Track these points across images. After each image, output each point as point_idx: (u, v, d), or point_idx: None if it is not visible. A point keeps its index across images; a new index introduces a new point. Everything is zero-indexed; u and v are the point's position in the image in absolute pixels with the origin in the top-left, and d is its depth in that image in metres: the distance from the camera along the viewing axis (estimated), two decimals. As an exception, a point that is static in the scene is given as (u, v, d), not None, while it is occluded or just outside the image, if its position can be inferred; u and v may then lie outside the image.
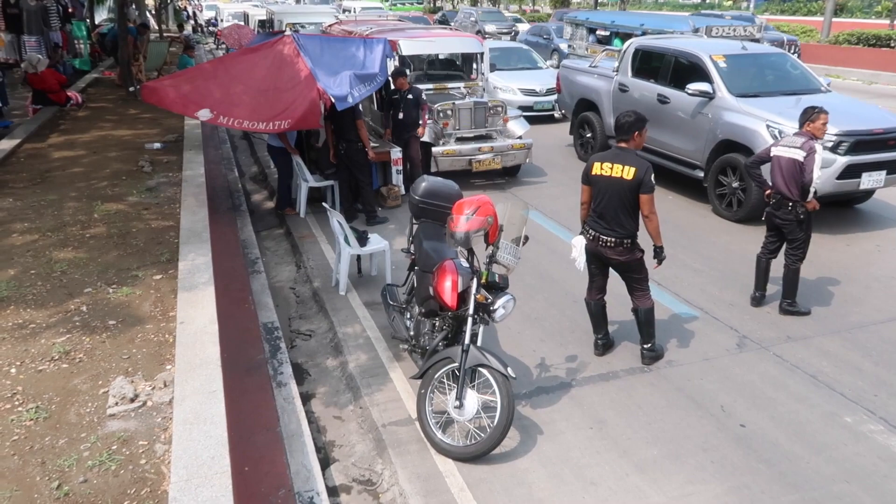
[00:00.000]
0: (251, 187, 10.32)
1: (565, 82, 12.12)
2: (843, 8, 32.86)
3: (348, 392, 5.06)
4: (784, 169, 5.72)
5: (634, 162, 4.80)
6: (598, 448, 4.40)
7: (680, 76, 9.23)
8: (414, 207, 5.21)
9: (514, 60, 15.63)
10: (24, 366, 4.36)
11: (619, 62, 10.53)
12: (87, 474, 3.44)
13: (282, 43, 7.93)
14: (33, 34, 16.15)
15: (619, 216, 4.88)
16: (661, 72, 9.68)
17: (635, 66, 10.24)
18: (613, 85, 10.59)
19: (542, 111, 14.50)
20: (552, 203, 9.13)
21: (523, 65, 15.70)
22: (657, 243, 4.98)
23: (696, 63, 9.03)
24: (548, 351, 5.52)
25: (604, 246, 4.99)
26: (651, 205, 4.83)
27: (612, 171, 4.83)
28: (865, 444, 4.44)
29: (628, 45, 10.46)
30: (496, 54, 14.64)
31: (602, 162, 4.91)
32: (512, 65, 15.35)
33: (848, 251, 7.47)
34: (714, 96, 8.58)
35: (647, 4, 47.89)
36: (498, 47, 16.14)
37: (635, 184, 4.76)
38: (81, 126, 11.65)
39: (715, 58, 8.93)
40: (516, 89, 14.40)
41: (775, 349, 5.56)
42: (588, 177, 5.00)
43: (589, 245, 5.09)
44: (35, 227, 6.74)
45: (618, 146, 4.96)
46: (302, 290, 6.79)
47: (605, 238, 4.96)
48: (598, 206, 4.97)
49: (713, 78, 8.70)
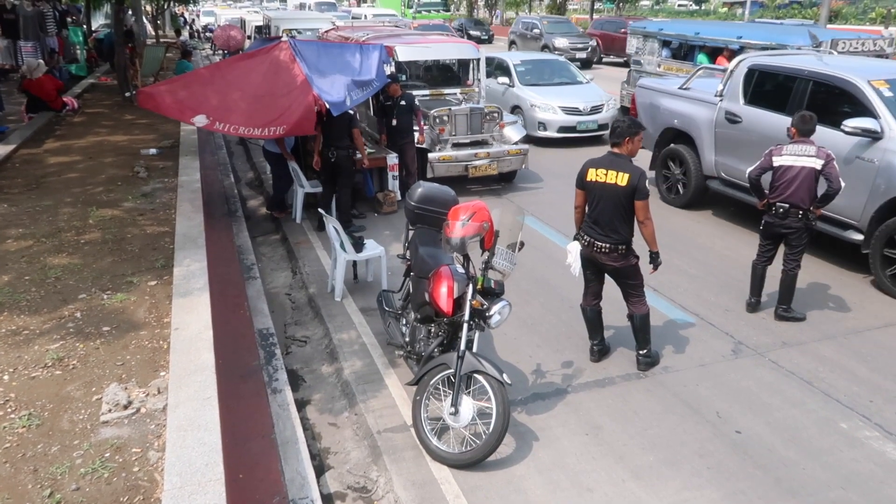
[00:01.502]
0: (247, 193, 10.31)
1: (645, 107, 9.90)
2: (838, 14, 33.02)
3: (343, 398, 5.04)
4: (805, 178, 5.67)
5: (628, 168, 4.80)
6: (594, 454, 4.39)
7: (821, 107, 6.88)
8: (410, 213, 5.21)
9: (549, 74, 14.04)
10: (17, 372, 4.34)
11: (725, 85, 8.52)
12: (80, 482, 3.42)
13: (278, 49, 7.94)
14: (29, 40, 16.17)
15: (614, 222, 4.89)
16: (791, 100, 7.59)
17: (749, 92, 8.22)
18: (717, 114, 8.55)
19: (587, 132, 12.90)
20: (548, 209, 9.14)
21: (561, 79, 14.05)
22: (653, 249, 5.00)
23: (850, 90, 7.00)
24: (544, 357, 5.52)
25: (599, 252, 5.00)
26: (646, 211, 4.84)
27: (606, 177, 4.84)
28: (861, 450, 4.44)
29: (738, 64, 8.48)
30: (528, 67, 13.87)
31: (597, 168, 4.91)
32: (546, 79, 13.85)
33: (843, 256, 7.48)
34: (882, 136, 6.59)
35: (643, 10, 48.05)
36: (530, 59, 14.57)
37: (630, 190, 4.77)
38: (77, 131, 11.64)
39: (876, 84, 6.90)
40: (556, 108, 12.77)
41: (771, 355, 5.56)
42: (583, 182, 5.01)
43: (584, 251, 5.09)
44: (30, 232, 6.72)
45: (612, 152, 4.95)
46: (298, 295, 6.77)
47: (600, 244, 4.96)
48: (594, 213, 4.98)
49: (878, 111, 6.67)
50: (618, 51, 25.43)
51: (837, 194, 5.68)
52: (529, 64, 14.16)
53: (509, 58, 14.32)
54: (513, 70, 13.72)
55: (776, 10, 38.52)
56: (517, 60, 14.14)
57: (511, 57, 14.46)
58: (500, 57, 14.46)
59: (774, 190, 5.84)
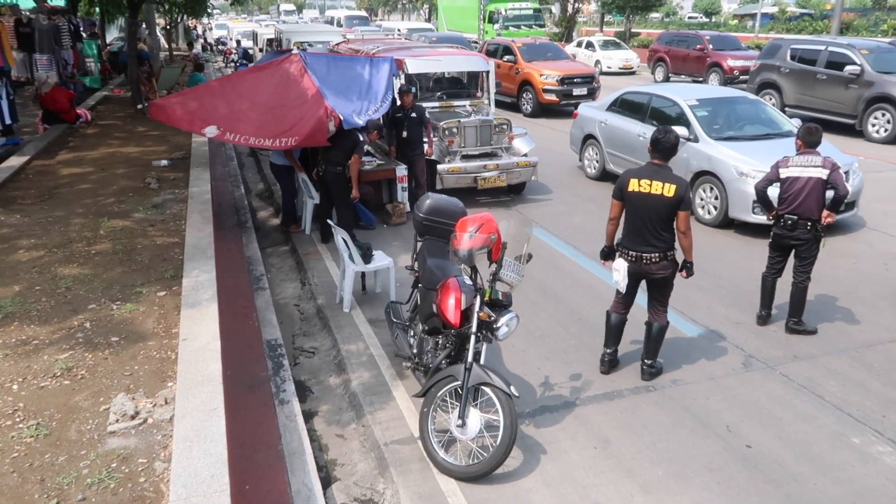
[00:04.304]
0: (257, 204, 10.36)
1: None
2: (849, 26, 32.91)
3: (351, 410, 5.03)
4: (812, 189, 5.66)
5: (674, 179, 4.85)
6: (603, 468, 4.35)
7: None
8: (418, 225, 5.22)
9: (741, 121, 9.44)
10: (26, 382, 4.36)
11: None
12: (86, 492, 3.42)
13: (289, 61, 8.01)
14: (45, 52, 16.37)
15: (658, 231, 4.91)
16: None
17: None
18: None
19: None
20: (557, 221, 9.13)
21: (757, 129, 9.24)
22: (689, 258, 5.01)
23: None
24: (552, 369, 5.49)
25: (648, 263, 4.98)
26: (688, 221, 4.89)
27: (650, 187, 4.86)
28: (874, 465, 4.38)
29: None
30: (710, 111, 9.36)
31: (639, 178, 4.92)
32: (735, 128, 9.22)
33: (855, 269, 7.41)
34: None
35: (654, 23, 48.13)
36: (708, 98, 9.72)
37: (676, 200, 4.81)
38: (90, 143, 11.76)
39: None
40: None
41: (782, 368, 5.51)
42: (623, 193, 5.00)
43: (632, 266, 5.05)
44: (41, 243, 6.77)
45: (653, 162, 4.97)
46: (306, 306, 6.78)
47: (649, 255, 4.96)
48: (634, 223, 4.99)
49: None
50: (690, 71, 23.37)
51: (845, 199, 5.71)
52: (710, 105, 9.52)
53: (677, 95, 9.73)
54: (690, 115, 9.18)
55: (786, 22, 38.49)
56: (692, 99, 9.51)
57: (678, 93, 9.88)
58: (653, 93, 10.26)
59: (782, 202, 5.82)
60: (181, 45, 35.94)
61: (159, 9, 23.88)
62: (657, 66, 25.24)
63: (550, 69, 17.65)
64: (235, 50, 28.56)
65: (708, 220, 8.77)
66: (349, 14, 34.12)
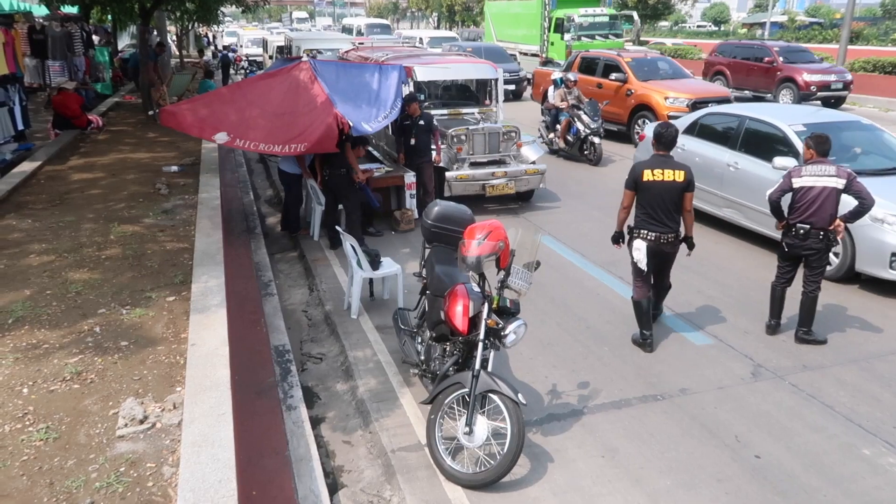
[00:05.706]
0: (266, 210, 10.40)
1: None
2: (859, 35, 32.80)
3: (358, 416, 5.03)
4: (826, 199, 5.64)
5: (680, 166, 5.58)
6: (610, 477, 4.33)
7: None
8: (426, 232, 5.23)
9: (849, 150, 7.79)
10: (35, 386, 4.38)
11: None
12: (95, 496, 3.43)
13: (298, 68, 8.05)
14: (57, 59, 16.53)
15: (672, 213, 5.60)
16: None
17: None
18: None
19: None
20: (565, 228, 9.12)
21: (875, 161, 7.76)
22: (690, 234, 5.80)
23: None
24: (560, 377, 5.47)
25: (665, 243, 5.66)
26: (692, 201, 5.67)
27: (663, 175, 5.53)
28: (885, 477, 4.34)
29: None
30: None
31: (652, 169, 5.56)
32: (849, 158, 7.55)
33: (864, 280, 7.36)
34: None
35: (662, 31, 48.13)
36: (816, 122, 7.96)
37: (686, 183, 5.53)
38: (101, 149, 11.84)
39: None
40: None
41: (791, 378, 5.47)
42: (638, 183, 5.61)
43: (651, 245, 5.64)
44: (52, 247, 6.82)
45: (659, 154, 5.66)
46: (314, 313, 6.80)
47: (667, 236, 5.64)
48: (649, 208, 5.60)
49: None
50: (756, 86, 20.01)
51: (869, 209, 5.69)
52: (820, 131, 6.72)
53: (778, 118, 8.22)
54: (798, 143, 7.51)
55: (796, 31, 38.40)
56: (797, 124, 7.95)
57: (779, 116, 8.39)
58: (746, 115, 8.63)
59: (794, 211, 5.79)
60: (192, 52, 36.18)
61: (171, 16, 24.06)
62: (715, 80, 21.23)
63: (676, 91, 14.01)
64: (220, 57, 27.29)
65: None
66: (370, 22, 32.85)
